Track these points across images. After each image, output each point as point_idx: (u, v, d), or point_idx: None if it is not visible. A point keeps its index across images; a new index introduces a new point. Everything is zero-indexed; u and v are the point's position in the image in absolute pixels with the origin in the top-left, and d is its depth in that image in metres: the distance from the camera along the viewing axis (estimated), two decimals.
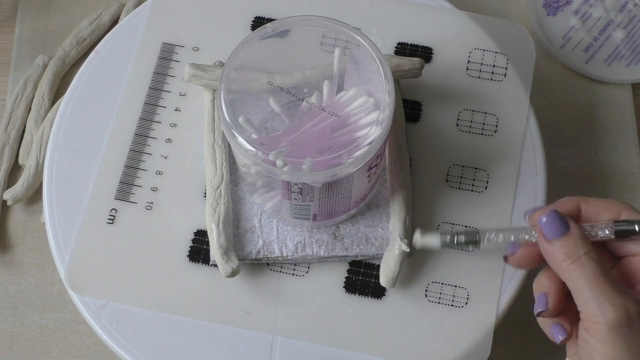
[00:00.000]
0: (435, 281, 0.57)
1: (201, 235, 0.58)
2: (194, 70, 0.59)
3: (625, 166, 0.69)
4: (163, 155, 0.60)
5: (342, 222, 0.57)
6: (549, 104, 0.71)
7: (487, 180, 0.60)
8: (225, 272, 0.55)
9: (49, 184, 0.59)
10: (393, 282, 0.55)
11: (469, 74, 0.63)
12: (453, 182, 0.60)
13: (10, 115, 0.69)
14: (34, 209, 0.67)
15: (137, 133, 0.60)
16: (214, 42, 0.64)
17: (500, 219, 0.59)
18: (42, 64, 0.71)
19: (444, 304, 0.56)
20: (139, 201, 0.59)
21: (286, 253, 0.56)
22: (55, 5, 0.74)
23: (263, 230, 0.57)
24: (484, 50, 0.64)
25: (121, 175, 0.59)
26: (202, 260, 0.57)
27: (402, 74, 0.60)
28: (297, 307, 0.56)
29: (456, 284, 0.57)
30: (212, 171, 0.57)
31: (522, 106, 0.62)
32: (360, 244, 0.57)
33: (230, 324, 0.55)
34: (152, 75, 0.62)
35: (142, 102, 0.61)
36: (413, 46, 0.64)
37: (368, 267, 0.57)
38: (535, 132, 0.61)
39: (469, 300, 0.56)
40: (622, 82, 0.72)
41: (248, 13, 0.65)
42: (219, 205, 0.56)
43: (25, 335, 0.63)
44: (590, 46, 0.73)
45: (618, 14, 0.74)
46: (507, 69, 0.63)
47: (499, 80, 0.63)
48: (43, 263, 0.65)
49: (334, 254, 0.57)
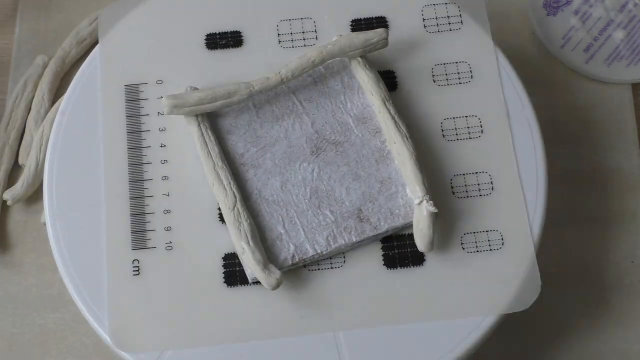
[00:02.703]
0: (467, 232, 0.58)
1: (230, 258, 0.57)
2: (173, 101, 0.58)
3: (626, 166, 0.70)
4: (165, 194, 0.59)
5: (363, 204, 0.57)
6: (549, 104, 0.71)
7: (481, 125, 0.61)
8: (271, 285, 0.54)
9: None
10: (431, 245, 0.56)
11: (428, 31, 0.64)
12: (449, 136, 0.61)
13: (10, 115, 0.68)
14: (34, 209, 0.66)
15: (131, 179, 0.59)
16: (175, 69, 0.63)
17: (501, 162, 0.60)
18: (42, 64, 0.70)
19: (482, 251, 0.57)
20: (158, 245, 0.57)
21: (320, 250, 0.56)
22: (55, 5, 0.74)
23: (290, 235, 0.57)
24: (434, 5, 0.65)
25: (130, 225, 0.58)
26: (240, 282, 0.56)
27: (371, 47, 0.61)
28: (347, 297, 0.56)
29: (487, 228, 0.58)
30: (223, 193, 0.57)
31: (488, 46, 0.63)
32: (387, 218, 0.57)
33: (290, 334, 0.55)
34: (126, 119, 0.61)
35: (125, 148, 0.60)
36: (367, 20, 0.65)
37: (400, 239, 0.58)
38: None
39: (504, 240, 0.58)
40: (622, 82, 0.73)
41: (198, 32, 0.64)
42: (242, 223, 0.56)
43: (25, 335, 0.63)
44: (590, 46, 0.73)
45: (618, 14, 0.75)
46: (461, 16, 0.65)
47: (457, 28, 0.64)
48: (43, 263, 0.65)
49: (365, 236, 0.57)
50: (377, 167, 0.59)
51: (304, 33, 0.64)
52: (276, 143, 0.59)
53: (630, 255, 0.68)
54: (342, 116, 0.60)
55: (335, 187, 0.58)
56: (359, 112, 0.60)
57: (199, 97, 0.58)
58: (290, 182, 0.58)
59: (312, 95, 0.61)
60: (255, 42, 0.64)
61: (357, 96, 0.61)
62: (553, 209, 0.60)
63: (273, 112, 0.60)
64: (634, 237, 0.68)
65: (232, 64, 0.63)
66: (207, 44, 0.64)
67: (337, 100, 0.61)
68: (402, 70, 0.63)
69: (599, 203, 0.69)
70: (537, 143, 0.61)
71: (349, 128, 0.60)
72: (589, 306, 0.66)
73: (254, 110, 0.60)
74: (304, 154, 0.59)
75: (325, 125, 0.60)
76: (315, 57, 0.60)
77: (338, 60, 0.62)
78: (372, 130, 0.60)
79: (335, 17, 0.65)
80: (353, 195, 0.58)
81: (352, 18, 0.65)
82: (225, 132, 0.60)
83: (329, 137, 0.60)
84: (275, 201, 0.58)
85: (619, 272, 0.67)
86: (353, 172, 0.59)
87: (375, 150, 0.59)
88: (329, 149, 0.59)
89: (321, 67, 0.62)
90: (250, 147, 0.59)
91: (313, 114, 0.60)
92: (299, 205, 0.57)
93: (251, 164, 0.59)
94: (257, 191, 0.58)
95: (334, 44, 0.60)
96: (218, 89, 0.59)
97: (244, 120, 0.60)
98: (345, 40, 0.60)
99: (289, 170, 0.59)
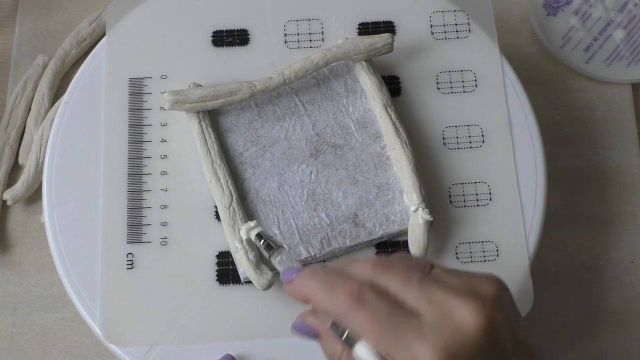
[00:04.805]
0: (462, 242, 0.58)
1: (224, 256, 0.57)
2: (174, 97, 0.58)
3: (625, 166, 0.70)
4: (162, 189, 0.59)
5: (359, 208, 0.57)
6: (549, 104, 0.71)
7: (482, 135, 0.61)
8: (262, 286, 0.54)
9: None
10: (425, 253, 0.56)
11: (435, 37, 0.64)
12: (450, 144, 0.61)
13: (10, 115, 0.68)
14: (34, 209, 0.67)
15: (130, 173, 0.59)
16: (180, 65, 0.63)
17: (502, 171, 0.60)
18: (42, 64, 0.70)
19: (476, 262, 0.57)
20: (153, 239, 0.57)
21: (313, 252, 0.56)
22: (55, 5, 0.74)
23: (285, 236, 0.57)
24: (442, 12, 0.65)
25: (127, 219, 0.58)
26: (232, 281, 0.56)
27: (376, 52, 0.60)
28: None
29: (482, 239, 0.58)
30: (220, 191, 0.57)
31: (494, 56, 0.63)
32: (382, 224, 0.57)
33: (280, 335, 0.55)
34: (128, 113, 0.61)
35: (126, 141, 0.60)
36: (374, 24, 0.65)
37: (394, 246, 0.58)
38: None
39: (499, 252, 0.57)
40: (622, 82, 0.72)
41: (205, 29, 0.64)
42: (236, 222, 0.56)
43: (25, 335, 0.63)
44: (590, 46, 0.73)
45: (618, 14, 0.74)
46: (469, 24, 0.64)
47: (465, 37, 0.64)
48: (43, 263, 0.65)
49: (360, 241, 0.57)
50: (376, 173, 0.59)
51: (311, 34, 0.64)
52: (276, 143, 0.59)
53: (630, 255, 0.67)
54: (344, 119, 0.60)
55: (333, 191, 0.58)
56: (360, 116, 0.60)
57: (201, 94, 0.58)
58: (288, 183, 0.58)
59: (315, 97, 0.61)
60: (262, 41, 0.64)
61: (360, 100, 0.61)
62: (553, 209, 0.60)
63: (275, 112, 0.60)
64: (634, 237, 0.68)
65: (237, 62, 0.63)
66: (213, 40, 0.64)
67: (339, 103, 0.61)
68: (406, 76, 0.63)
69: (599, 203, 0.69)
70: (539, 155, 0.60)
71: (350, 132, 0.60)
72: (589, 306, 0.66)
73: (255, 110, 0.60)
74: (303, 156, 0.59)
75: (326, 127, 0.60)
76: (319, 59, 0.59)
77: (342, 64, 0.62)
78: (372, 135, 0.60)
79: (342, 20, 0.65)
80: (350, 200, 0.58)
81: (360, 21, 0.65)
82: (225, 130, 0.60)
83: (329, 139, 0.60)
84: (272, 202, 0.58)
85: (619, 272, 0.67)
86: (351, 176, 0.58)
87: (375, 156, 0.59)
88: (329, 151, 0.59)
89: (325, 70, 0.62)
90: (250, 146, 0.59)
91: (314, 116, 0.60)
92: (295, 207, 0.57)
93: (250, 163, 0.59)
94: (255, 191, 0.58)
95: (338, 47, 0.60)
96: (220, 86, 0.59)
97: (245, 119, 0.60)
98: (350, 44, 0.60)
99: (287, 171, 0.59)
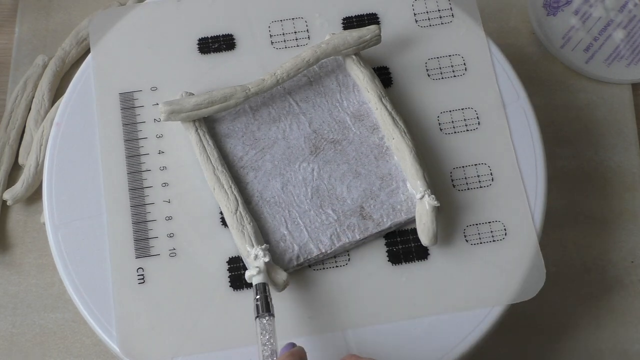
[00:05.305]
0: (470, 224, 0.58)
1: (235, 262, 0.57)
2: (169, 107, 0.58)
3: (625, 166, 0.70)
4: (165, 200, 0.59)
5: (364, 201, 0.58)
6: (549, 104, 0.72)
7: (477, 117, 0.61)
8: (277, 287, 0.54)
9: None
10: (435, 239, 0.56)
11: (420, 25, 0.64)
12: (446, 129, 0.61)
13: (10, 115, 0.69)
14: (34, 209, 0.67)
15: (131, 187, 0.59)
16: (169, 75, 0.62)
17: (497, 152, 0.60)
18: (42, 64, 0.70)
19: (485, 242, 0.57)
20: (161, 252, 0.57)
21: (324, 249, 0.56)
22: (55, 5, 0.74)
23: (294, 236, 0.57)
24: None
25: (133, 234, 0.57)
26: (246, 285, 0.56)
27: (365, 44, 0.61)
28: (353, 295, 0.56)
29: (489, 220, 0.58)
30: (225, 197, 0.56)
31: (480, 38, 0.64)
32: (389, 214, 0.57)
33: (299, 335, 0.55)
34: (122, 128, 0.60)
35: (123, 156, 0.60)
36: (358, 17, 0.65)
37: (403, 234, 0.58)
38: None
39: (507, 231, 0.58)
40: (622, 82, 0.73)
41: (191, 37, 0.64)
42: (245, 226, 0.55)
43: (25, 335, 0.63)
44: (590, 46, 0.74)
45: (618, 14, 0.75)
46: (452, 9, 0.65)
47: (448, 22, 0.65)
48: (43, 263, 0.65)
49: (369, 233, 0.57)
50: (377, 164, 0.59)
51: (296, 33, 0.64)
52: (275, 144, 0.59)
53: (630, 255, 0.68)
54: (339, 114, 0.60)
55: (336, 186, 0.58)
56: (355, 110, 0.61)
57: (195, 102, 0.58)
58: (291, 182, 0.58)
59: (308, 95, 0.61)
60: (248, 45, 0.64)
61: (353, 94, 0.61)
62: (553, 209, 0.60)
63: (270, 114, 0.60)
64: (634, 237, 0.68)
65: (225, 67, 0.63)
66: (199, 48, 0.63)
67: (333, 99, 0.61)
68: (396, 66, 0.63)
69: (599, 203, 0.69)
70: (534, 131, 0.61)
71: (347, 126, 0.60)
72: (589, 306, 0.66)
73: (250, 113, 0.60)
74: (303, 154, 0.59)
75: (322, 124, 0.60)
76: (310, 56, 0.59)
77: (332, 59, 0.62)
78: (369, 127, 0.60)
79: (326, 16, 0.65)
80: (354, 193, 0.58)
81: (344, 16, 0.65)
82: (223, 136, 0.60)
83: (327, 136, 0.60)
84: (277, 202, 0.58)
85: (619, 272, 0.67)
86: (353, 170, 0.59)
87: (374, 147, 0.59)
88: (328, 147, 0.59)
89: (315, 67, 0.62)
90: (249, 150, 0.59)
91: (310, 114, 0.60)
92: (301, 206, 0.57)
93: (251, 167, 0.59)
94: (259, 193, 0.58)
95: (327, 42, 0.60)
96: (214, 93, 0.59)
97: (241, 123, 0.60)
98: (338, 39, 0.60)
99: (289, 171, 0.58)
